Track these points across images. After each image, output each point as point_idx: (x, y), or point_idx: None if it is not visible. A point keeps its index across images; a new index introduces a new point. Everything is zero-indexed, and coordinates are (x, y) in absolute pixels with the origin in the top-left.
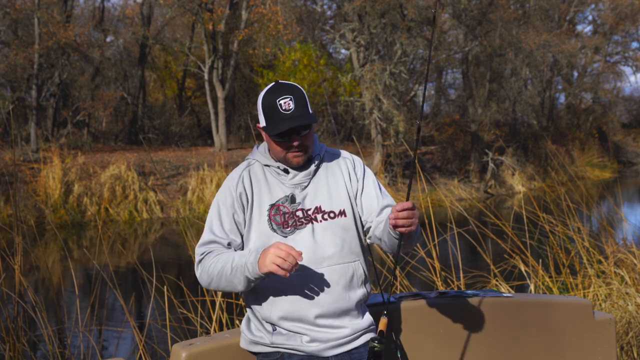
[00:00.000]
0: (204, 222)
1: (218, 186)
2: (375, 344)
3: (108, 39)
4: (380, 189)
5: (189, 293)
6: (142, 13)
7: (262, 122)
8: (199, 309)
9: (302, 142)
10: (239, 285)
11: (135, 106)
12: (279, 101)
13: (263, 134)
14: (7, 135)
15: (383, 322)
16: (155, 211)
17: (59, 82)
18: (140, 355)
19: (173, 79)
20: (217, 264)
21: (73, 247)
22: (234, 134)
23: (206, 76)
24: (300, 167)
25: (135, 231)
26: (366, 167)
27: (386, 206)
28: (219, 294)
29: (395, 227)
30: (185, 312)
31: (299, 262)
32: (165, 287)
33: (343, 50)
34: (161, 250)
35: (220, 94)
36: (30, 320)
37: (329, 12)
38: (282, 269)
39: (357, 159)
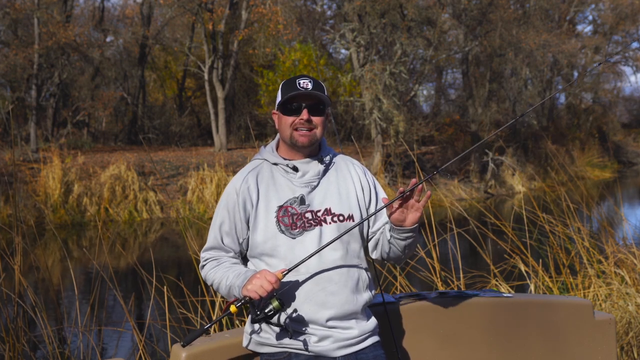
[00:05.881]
0: (204, 222)
1: (218, 186)
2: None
3: (108, 39)
4: None
5: (188, 293)
6: (142, 13)
7: (277, 100)
8: (199, 309)
9: (311, 119)
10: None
11: (135, 106)
12: (298, 80)
13: (275, 117)
14: (7, 135)
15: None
16: (155, 211)
17: (59, 82)
18: (140, 355)
19: (173, 79)
20: (215, 279)
21: (73, 247)
22: (234, 134)
23: (206, 76)
24: (309, 165)
25: (135, 231)
26: (374, 178)
27: None
28: (219, 294)
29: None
30: (185, 312)
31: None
32: (165, 287)
33: (343, 50)
34: (161, 250)
35: (220, 94)
36: (30, 320)
37: (329, 12)
38: (258, 294)
39: (365, 167)
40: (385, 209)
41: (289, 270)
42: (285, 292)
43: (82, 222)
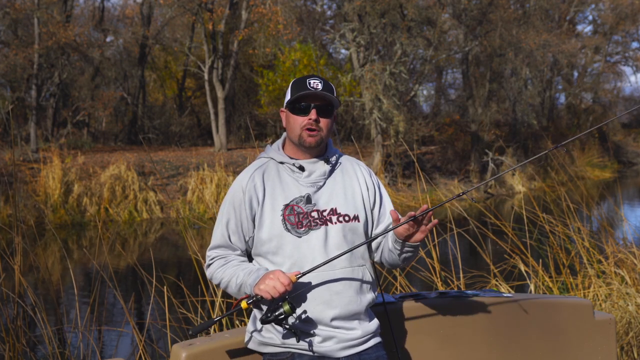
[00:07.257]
0: (204, 222)
1: (218, 186)
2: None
3: (108, 39)
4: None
5: (188, 293)
6: (142, 13)
7: (287, 98)
8: (199, 309)
9: (319, 119)
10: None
11: (135, 106)
12: (309, 80)
13: (283, 115)
14: (7, 135)
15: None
16: (155, 211)
17: (59, 82)
18: (140, 355)
19: (173, 79)
20: (224, 277)
21: (73, 247)
22: (234, 134)
23: (206, 76)
24: (315, 165)
25: (135, 231)
26: (379, 180)
27: None
28: (219, 294)
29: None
30: (185, 312)
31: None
32: (165, 287)
33: (343, 50)
34: (161, 251)
35: (220, 94)
36: (30, 320)
37: (329, 12)
38: (270, 295)
39: (370, 169)
40: (390, 216)
41: (303, 274)
42: (292, 291)
43: (82, 222)
